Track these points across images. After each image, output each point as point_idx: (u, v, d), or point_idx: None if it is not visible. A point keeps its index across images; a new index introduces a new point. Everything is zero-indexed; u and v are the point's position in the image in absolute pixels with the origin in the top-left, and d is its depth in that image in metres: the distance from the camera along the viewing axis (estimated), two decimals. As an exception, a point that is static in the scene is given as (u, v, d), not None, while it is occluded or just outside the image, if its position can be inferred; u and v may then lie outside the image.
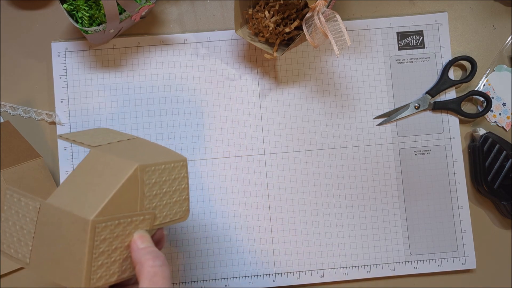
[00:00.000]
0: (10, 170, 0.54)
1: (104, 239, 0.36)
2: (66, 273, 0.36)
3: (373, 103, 0.57)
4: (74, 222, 0.35)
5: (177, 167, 0.42)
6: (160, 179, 0.40)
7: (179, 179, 0.42)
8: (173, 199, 0.41)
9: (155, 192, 0.40)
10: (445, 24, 0.58)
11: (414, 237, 0.56)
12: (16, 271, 0.55)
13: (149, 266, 0.36)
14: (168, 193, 0.41)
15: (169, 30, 0.58)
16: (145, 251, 0.37)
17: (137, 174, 0.37)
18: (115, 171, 0.37)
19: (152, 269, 0.36)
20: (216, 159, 0.56)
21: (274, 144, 0.57)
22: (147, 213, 0.39)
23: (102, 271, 0.36)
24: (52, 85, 0.56)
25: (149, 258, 0.36)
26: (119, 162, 0.38)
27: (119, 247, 0.37)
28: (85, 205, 0.35)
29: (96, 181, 0.37)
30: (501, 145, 0.55)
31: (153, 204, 0.39)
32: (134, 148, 0.42)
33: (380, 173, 0.57)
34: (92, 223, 0.34)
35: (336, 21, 0.46)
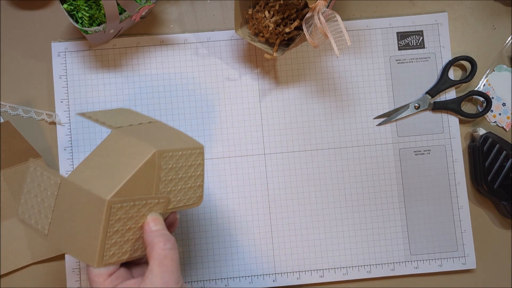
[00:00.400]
0: (10, 170, 0.54)
1: (119, 219, 0.37)
2: (81, 248, 0.37)
3: (373, 103, 0.57)
4: (91, 201, 0.36)
5: (194, 154, 0.42)
6: (176, 165, 0.41)
7: (195, 165, 0.43)
8: (188, 185, 0.42)
9: (170, 177, 0.40)
10: (445, 24, 0.58)
11: (414, 237, 0.56)
12: (16, 271, 0.55)
13: (160, 248, 0.37)
14: (184, 178, 0.42)
15: (169, 30, 0.58)
16: (157, 234, 0.38)
17: (154, 158, 0.38)
18: (133, 154, 0.39)
19: (162, 251, 0.37)
20: (216, 159, 0.56)
21: (274, 144, 0.57)
22: (162, 197, 0.40)
23: (115, 249, 0.38)
24: (52, 85, 0.56)
25: (160, 241, 0.38)
26: (138, 145, 0.39)
27: (132, 227, 0.39)
28: (103, 185, 0.37)
29: (115, 162, 0.39)
30: (501, 145, 0.55)
31: (168, 188, 0.41)
32: (154, 131, 0.43)
33: (380, 173, 0.57)
34: (108, 203, 0.36)
35: (336, 21, 0.46)
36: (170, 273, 0.37)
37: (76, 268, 0.55)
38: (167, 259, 0.37)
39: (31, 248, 0.54)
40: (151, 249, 0.38)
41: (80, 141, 0.56)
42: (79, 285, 0.55)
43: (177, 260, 0.38)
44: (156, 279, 0.37)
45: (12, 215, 0.54)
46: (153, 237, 0.38)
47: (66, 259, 0.55)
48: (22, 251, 0.54)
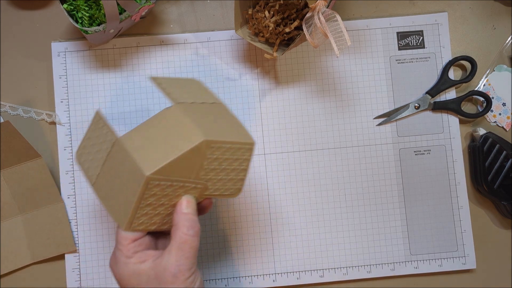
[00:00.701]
0: (10, 170, 0.54)
1: (154, 194, 0.39)
2: (116, 207, 0.40)
3: (373, 103, 0.57)
4: (134, 171, 0.37)
5: (242, 149, 0.42)
6: (222, 156, 0.41)
7: (241, 160, 0.43)
8: (229, 177, 0.43)
9: (213, 167, 0.41)
10: (445, 24, 0.58)
11: (414, 237, 0.56)
12: (16, 271, 0.55)
13: (182, 232, 0.39)
14: (226, 170, 0.42)
15: (169, 30, 0.58)
16: (184, 217, 0.40)
17: (201, 147, 0.39)
18: (183, 136, 0.39)
19: (184, 235, 0.39)
20: (216, 159, 0.56)
21: (274, 144, 0.57)
22: (200, 183, 0.41)
23: (144, 219, 0.40)
24: (52, 85, 0.56)
25: (185, 225, 0.39)
26: (190, 128, 0.40)
27: (165, 203, 0.40)
28: (148, 158, 0.38)
29: (165, 138, 0.40)
30: (501, 145, 0.55)
31: (208, 176, 0.41)
32: (212, 115, 0.43)
33: (380, 173, 0.57)
34: (146, 179, 0.37)
35: (336, 21, 0.46)
36: (185, 258, 0.39)
37: (76, 268, 0.55)
38: (186, 244, 0.39)
39: (31, 248, 0.54)
40: (175, 230, 0.40)
41: (80, 141, 0.56)
42: (79, 285, 0.55)
43: (195, 248, 0.40)
44: (172, 260, 0.39)
45: (12, 215, 0.54)
46: (180, 219, 0.40)
47: (66, 259, 0.55)
48: (22, 251, 0.54)
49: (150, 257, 0.40)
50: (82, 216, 0.55)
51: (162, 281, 0.39)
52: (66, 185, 0.55)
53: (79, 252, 0.55)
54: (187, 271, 0.39)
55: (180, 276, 0.38)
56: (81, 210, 0.55)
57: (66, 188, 0.55)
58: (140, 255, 0.40)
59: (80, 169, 0.42)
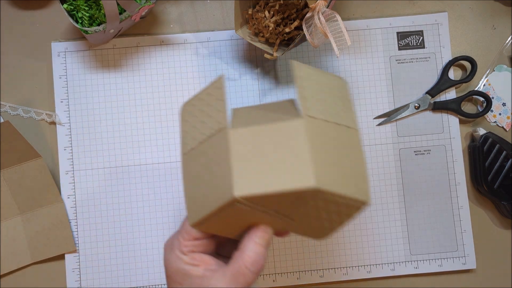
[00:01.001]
0: (10, 170, 0.54)
1: (234, 213, 0.34)
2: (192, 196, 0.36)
3: (373, 103, 0.57)
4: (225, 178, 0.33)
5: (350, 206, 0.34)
6: (324, 207, 0.34)
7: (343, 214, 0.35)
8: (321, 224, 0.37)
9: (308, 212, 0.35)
10: (445, 24, 0.58)
11: (414, 237, 0.56)
12: (16, 271, 0.55)
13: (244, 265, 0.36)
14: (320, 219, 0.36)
15: (169, 30, 0.58)
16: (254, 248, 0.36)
17: (306, 193, 0.32)
18: (294, 168, 0.33)
19: (244, 269, 0.36)
20: (216, 159, 0.56)
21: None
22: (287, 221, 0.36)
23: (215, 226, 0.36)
24: (52, 85, 0.56)
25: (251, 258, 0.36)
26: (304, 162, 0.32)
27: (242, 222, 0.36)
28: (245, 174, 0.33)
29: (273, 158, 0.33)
30: (501, 145, 0.55)
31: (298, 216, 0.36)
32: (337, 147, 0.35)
33: (380, 173, 0.57)
34: (232, 200, 0.32)
35: (336, 21, 0.46)
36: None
37: (76, 268, 0.55)
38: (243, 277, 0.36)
39: (31, 248, 0.54)
40: (238, 256, 0.36)
41: (80, 141, 0.56)
42: (79, 285, 0.55)
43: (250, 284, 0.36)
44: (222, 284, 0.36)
45: (12, 215, 0.54)
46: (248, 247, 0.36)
47: (66, 259, 0.55)
48: (22, 251, 0.54)
49: (203, 265, 0.37)
50: (82, 216, 0.55)
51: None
52: (66, 185, 0.55)
53: (79, 252, 0.55)
54: None
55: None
56: (81, 210, 0.55)
57: (66, 188, 0.55)
58: (194, 257, 0.37)
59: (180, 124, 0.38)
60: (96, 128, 0.56)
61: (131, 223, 0.55)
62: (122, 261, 0.55)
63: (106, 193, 0.55)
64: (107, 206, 0.55)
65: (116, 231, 0.55)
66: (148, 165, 0.56)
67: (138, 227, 0.55)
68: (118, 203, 0.55)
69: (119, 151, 0.56)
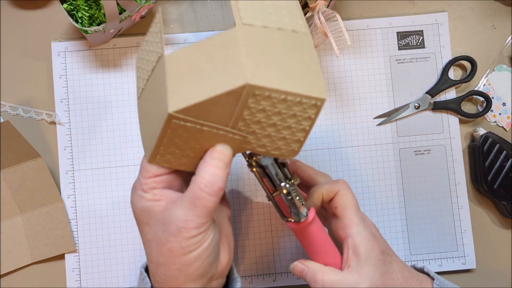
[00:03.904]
0: (10, 170, 0.54)
1: (180, 135, 0.33)
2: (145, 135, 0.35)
3: (373, 103, 0.57)
4: (163, 101, 0.32)
5: (304, 104, 0.32)
6: (271, 109, 0.32)
7: (301, 118, 0.33)
8: (281, 135, 0.34)
9: (257, 119, 0.33)
10: (445, 24, 0.58)
11: (414, 237, 0.56)
12: (16, 271, 0.55)
13: (198, 187, 0.34)
14: (277, 126, 0.34)
15: (169, 30, 0.58)
16: (208, 169, 0.34)
17: (241, 92, 0.31)
18: (228, 72, 0.31)
19: (198, 191, 0.34)
20: (216, 159, 0.56)
21: (274, 144, 0.57)
22: (237, 134, 0.34)
23: (171, 157, 0.35)
24: (52, 85, 0.56)
25: (204, 179, 0.34)
26: (238, 63, 0.31)
27: (196, 147, 0.34)
28: (180, 91, 0.32)
29: (208, 69, 0.32)
30: (501, 145, 0.55)
31: (249, 128, 0.34)
32: (280, 50, 0.33)
33: (380, 173, 0.57)
34: (169, 117, 0.31)
35: (336, 20, 0.46)
36: (195, 215, 0.34)
37: (76, 268, 0.55)
38: (199, 201, 0.34)
39: (31, 248, 0.54)
40: (193, 180, 0.34)
41: (80, 141, 0.56)
42: (79, 285, 0.55)
43: (210, 208, 0.34)
44: (180, 212, 0.34)
45: (12, 215, 0.54)
46: (201, 170, 0.34)
47: (66, 259, 0.55)
48: (22, 251, 0.54)
49: (165, 199, 0.36)
50: (82, 216, 0.55)
51: (166, 229, 0.35)
52: (66, 185, 0.55)
53: (79, 252, 0.55)
54: (193, 229, 0.34)
55: (184, 233, 0.34)
56: (81, 210, 0.55)
57: (66, 188, 0.55)
58: (156, 193, 0.36)
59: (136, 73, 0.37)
60: (96, 128, 0.56)
61: (131, 223, 0.55)
62: (122, 261, 0.55)
63: (106, 193, 0.55)
64: (107, 206, 0.55)
65: (116, 231, 0.55)
66: (148, 165, 0.56)
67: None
68: (118, 203, 0.55)
69: (119, 151, 0.56)
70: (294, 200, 0.39)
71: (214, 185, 0.34)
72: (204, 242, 0.35)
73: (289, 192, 0.39)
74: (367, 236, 0.42)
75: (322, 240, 0.42)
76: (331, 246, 0.43)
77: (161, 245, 0.35)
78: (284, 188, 0.38)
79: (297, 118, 0.33)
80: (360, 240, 0.42)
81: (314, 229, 0.41)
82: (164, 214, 0.35)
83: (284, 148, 0.35)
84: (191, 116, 0.32)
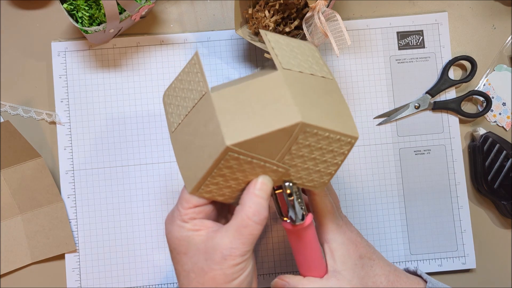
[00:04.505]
0: (10, 170, 0.54)
1: (230, 166, 0.35)
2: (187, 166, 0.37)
3: (373, 103, 0.57)
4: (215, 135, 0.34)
5: (341, 141, 0.36)
6: (315, 144, 0.36)
7: (336, 153, 0.37)
8: (317, 168, 0.38)
9: (302, 153, 0.36)
10: (445, 24, 0.58)
11: (414, 237, 0.56)
12: (16, 271, 0.55)
13: (247, 215, 0.36)
14: (316, 160, 0.37)
15: (169, 30, 0.58)
16: (254, 199, 0.36)
17: (294, 129, 0.34)
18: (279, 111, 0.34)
19: (247, 219, 0.36)
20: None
21: (274, 144, 0.57)
22: (282, 167, 0.37)
23: (214, 188, 0.37)
24: (52, 85, 0.56)
25: (252, 208, 0.36)
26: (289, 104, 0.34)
27: (240, 178, 0.37)
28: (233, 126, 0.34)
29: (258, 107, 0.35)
30: (501, 145, 0.55)
31: (293, 162, 0.37)
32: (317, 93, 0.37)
33: (380, 173, 0.57)
34: (226, 149, 0.34)
35: (336, 20, 0.46)
36: (241, 243, 0.36)
37: (76, 268, 0.55)
38: (247, 229, 0.36)
39: (31, 248, 0.54)
40: (239, 209, 0.37)
41: (80, 140, 0.56)
42: (79, 285, 0.55)
43: (255, 236, 0.36)
44: (226, 240, 0.36)
45: (12, 215, 0.54)
46: (248, 200, 0.36)
47: (66, 259, 0.55)
48: (22, 251, 0.54)
49: (205, 228, 0.37)
50: (82, 216, 0.55)
51: (209, 257, 0.36)
52: (66, 185, 0.55)
53: (79, 252, 0.55)
54: (238, 257, 0.36)
55: (230, 260, 0.35)
56: (81, 210, 0.55)
57: (66, 188, 0.55)
58: (196, 223, 0.37)
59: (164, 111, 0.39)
60: (96, 128, 0.56)
61: (131, 223, 0.55)
62: (122, 261, 0.55)
63: (106, 193, 0.55)
64: (107, 206, 0.55)
65: (116, 231, 0.55)
66: (148, 165, 0.56)
67: (138, 227, 0.55)
68: (118, 203, 0.55)
69: (119, 151, 0.56)
70: (294, 202, 0.39)
71: (261, 214, 0.36)
72: (246, 269, 0.37)
73: (292, 193, 0.39)
74: (343, 241, 0.43)
75: (312, 247, 0.42)
76: (319, 256, 0.43)
77: (203, 274, 0.36)
78: (288, 188, 0.39)
79: (333, 154, 0.37)
80: (336, 246, 0.43)
81: (307, 234, 0.42)
82: (207, 243, 0.36)
83: (317, 180, 0.39)
84: (245, 149, 0.34)
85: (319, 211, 0.43)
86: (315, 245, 0.43)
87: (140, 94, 0.56)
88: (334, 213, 0.44)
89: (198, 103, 0.36)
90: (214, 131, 0.34)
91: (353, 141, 0.37)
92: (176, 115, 0.38)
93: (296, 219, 0.40)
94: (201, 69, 0.37)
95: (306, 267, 0.43)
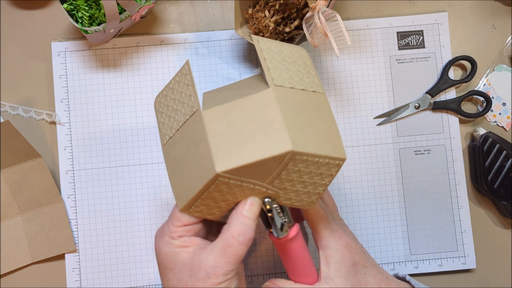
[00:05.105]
0: (10, 170, 0.54)
1: (221, 190, 0.36)
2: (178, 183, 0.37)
3: (373, 103, 0.57)
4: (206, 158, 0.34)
5: (330, 164, 0.37)
6: (304, 169, 0.36)
7: (325, 175, 0.38)
8: (306, 189, 0.38)
9: (291, 178, 0.37)
10: (445, 24, 0.58)
11: (414, 237, 0.56)
12: (16, 271, 0.55)
13: (232, 235, 0.37)
14: (305, 183, 0.38)
15: (169, 30, 0.58)
16: (241, 220, 0.37)
17: (285, 157, 0.34)
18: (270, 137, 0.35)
19: (231, 239, 0.37)
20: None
21: (274, 144, 0.57)
22: (272, 189, 0.37)
23: (204, 208, 0.37)
24: (52, 85, 0.56)
25: (238, 228, 0.37)
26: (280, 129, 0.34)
27: (230, 199, 0.37)
28: (224, 150, 0.34)
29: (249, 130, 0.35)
30: (501, 145, 0.55)
31: (282, 185, 0.37)
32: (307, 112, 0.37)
33: (380, 173, 0.57)
34: (216, 176, 0.34)
35: (336, 20, 0.46)
36: (225, 263, 0.36)
37: (76, 268, 0.55)
38: (231, 249, 0.36)
39: (31, 248, 0.54)
40: (226, 229, 0.37)
41: (80, 141, 0.56)
42: (79, 285, 0.55)
43: (239, 256, 0.37)
44: (210, 259, 0.37)
45: (12, 215, 0.54)
46: (235, 220, 0.37)
47: (66, 259, 0.55)
48: (22, 251, 0.54)
49: (193, 245, 0.38)
50: (82, 216, 0.55)
51: (194, 274, 0.37)
52: (66, 185, 0.55)
53: (79, 252, 0.55)
54: (221, 276, 0.36)
55: (213, 278, 0.36)
56: (81, 210, 0.55)
57: (66, 188, 0.55)
58: (185, 240, 0.38)
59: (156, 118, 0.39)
60: (96, 128, 0.56)
61: (131, 223, 0.55)
62: (122, 261, 0.55)
63: (106, 193, 0.55)
64: (107, 206, 0.55)
65: (116, 231, 0.55)
66: (148, 165, 0.56)
67: (138, 227, 0.55)
68: (118, 203, 0.55)
69: (119, 151, 0.56)
70: (274, 217, 0.39)
71: (246, 235, 0.37)
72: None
73: (271, 209, 0.39)
74: (338, 248, 0.43)
75: (300, 257, 0.42)
76: (308, 265, 0.43)
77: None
78: (268, 204, 0.39)
79: (322, 176, 0.37)
80: (330, 252, 0.43)
81: (292, 246, 0.41)
82: (193, 260, 0.37)
83: (305, 200, 0.39)
84: (235, 175, 0.35)
85: (311, 218, 0.43)
86: (303, 254, 0.42)
87: (140, 94, 0.56)
88: (327, 218, 0.44)
89: (189, 119, 0.36)
90: (205, 154, 0.35)
91: (341, 162, 0.37)
92: (168, 127, 0.38)
93: (278, 233, 0.40)
94: (192, 81, 0.36)
95: (296, 275, 0.43)
